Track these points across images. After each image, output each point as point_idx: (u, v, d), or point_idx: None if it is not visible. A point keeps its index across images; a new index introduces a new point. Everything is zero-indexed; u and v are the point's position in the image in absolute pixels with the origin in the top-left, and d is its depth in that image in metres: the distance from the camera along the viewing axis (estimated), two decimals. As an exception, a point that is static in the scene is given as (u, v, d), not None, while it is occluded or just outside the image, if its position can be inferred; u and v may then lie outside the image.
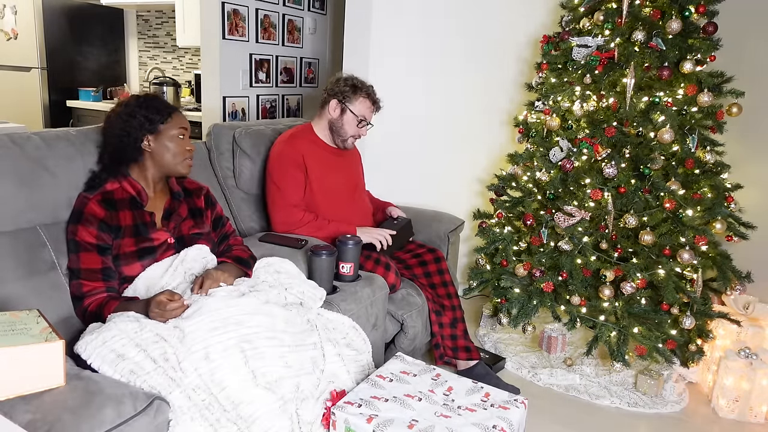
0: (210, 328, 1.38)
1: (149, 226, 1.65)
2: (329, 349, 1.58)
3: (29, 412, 1.09)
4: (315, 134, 2.31)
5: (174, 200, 1.74)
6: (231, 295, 1.50)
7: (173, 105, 1.75)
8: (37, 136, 1.64)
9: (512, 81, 2.98)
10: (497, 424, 1.38)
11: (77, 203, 1.62)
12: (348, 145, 2.31)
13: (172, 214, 1.71)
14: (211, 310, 1.41)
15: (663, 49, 2.15)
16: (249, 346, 1.39)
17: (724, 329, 2.33)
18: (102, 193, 1.61)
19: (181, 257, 1.65)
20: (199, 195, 1.83)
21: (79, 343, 1.33)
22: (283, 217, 2.21)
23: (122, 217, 1.60)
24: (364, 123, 2.28)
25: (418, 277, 2.32)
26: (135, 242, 1.61)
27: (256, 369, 1.37)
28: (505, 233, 2.55)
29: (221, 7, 3.33)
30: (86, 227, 1.56)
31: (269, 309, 1.51)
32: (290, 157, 2.21)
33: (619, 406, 2.21)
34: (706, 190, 2.22)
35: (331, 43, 4.52)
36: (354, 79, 2.27)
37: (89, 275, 1.55)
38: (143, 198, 1.66)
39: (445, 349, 2.21)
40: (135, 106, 1.65)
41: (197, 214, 1.79)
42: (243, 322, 1.42)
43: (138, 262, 1.61)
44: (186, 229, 1.73)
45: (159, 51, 4.92)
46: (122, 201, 1.63)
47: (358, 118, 2.25)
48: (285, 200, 2.20)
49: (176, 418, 1.24)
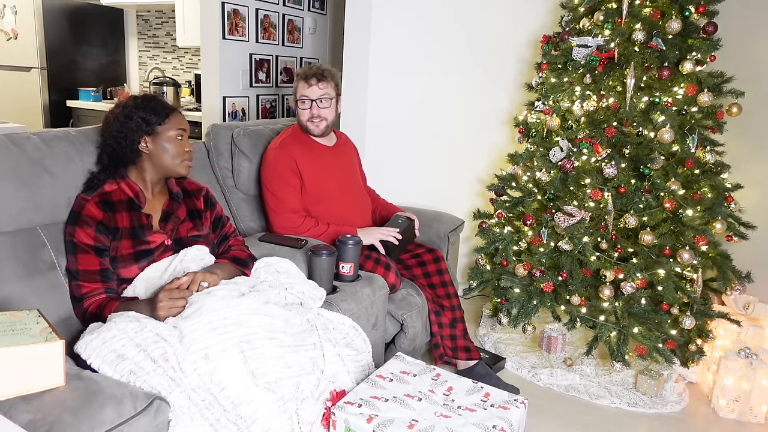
0: (210, 329, 1.38)
1: (146, 228, 1.64)
2: (329, 349, 1.58)
3: (29, 412, 1.09)
4: (305, 135, 2.32)
5: (172, 201, 1.73)
6: (231, 295, 1.50)
7: (171, 105, 1.73)
8: (36, 136, 1.64)
9: (512, 81, 2.98)
10: (497, 424, 1.38)
11: (75, 204, 1.61)
12: (316, 130, 2.28)
13: (170, 216, 1.71)
14: (210, 311, 1.41)
15: (663, 49, 2.15)
16: (248, 346, 1.39)
17: (724, 329, 2.33)
18: (100, 195, 1.61)
19: (180, 257, 1.65)
20: (198, 196, 1.82)
21: (79, 343, 1.33)
22: (282, 223, 2.22)
23: (120, 219, 1.60)
24: (305, 99, 2.24)
25: (418, 278, 2.32)
26: (132, 244, 1.60)
27: (256, 369, 1.37)
28: (505, 233, 2.55)
29: (221, 7, 3.33)
30: (84, 229, 1.55)
31: (269, 309, 1.51)
32: (283, 164, 2.22)
33: (619, 406, 2.21)
34: (706, 190, 2.22)
35: (331, 43, 4.52)
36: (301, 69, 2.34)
37: (87, 276, 1.55)
38: (141, 200, 1.66)
39: (444, 349, 2.21)
40: (132, 108, 1.64)
41: (196, 215, 1.78)
42: (243, 322, 1.42)
43: (135, 264, 1.60)
44: (184, 231, 1.72)
45: (159, 51, 4.92)
46: (120, 203, 1.62)
47: (297, 101, 2.27)
48: (284, 206, 2.21)
49: (176, 418, 1.24)
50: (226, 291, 1.52)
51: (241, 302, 1.47)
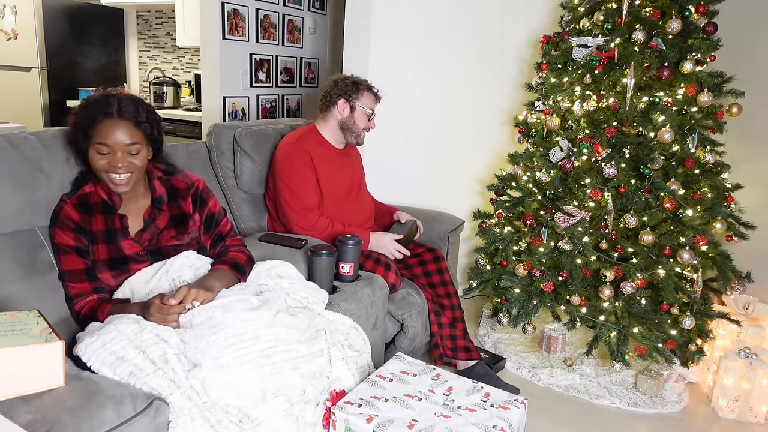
0: (226, 345, 1.36)
1: (119, 233, 1.57)
2: (335, 354, 1.58)
3: (29, 412, 1.09)
4: (320, 135, 2.32)
5: (154, 209, 1.63)
6: (246, 308, 1.47)
7: (111, 110, 1.49)
8: (34, 136, 1.63)
9: (512, 81, 2.98)
10: (497, 424, 1.38)
11: (56, 206, 1.58)
12: (361, 140, 2.35)
13: (150, 226, 1.62)
14: (226, 327, 1.39)
15: (663, 49, 2.15)
16: (267, 361, 1.37)
17: (724, 329, 2.33)
18: (78, 197, 1.57)
19: (166, 267, 1.60)
20: (186, 196, 1.69)
21: (79, 346, 1.32)
22: (298, 220, 2.21)
23: (94, 222, 1.56)
24: (373, 115, 2.33)
25: (418, 277, 2.33)
26: (108, 250, 1.56)
27: (270, 384, 1.35)
28: (505, 233, 2.55)
29: (221, 7, 3.33)
30: (63, 230, 1.53)
31: (282, 319, 1.50)
32: (300, 158, 2.21)
33: (619, 406, 2.21)
34: (706, 190, 2.22)
35: (331, 43, 4.52)
36: (352, 76, 2.33)
37: (74, 277, 1.54)
38: (116, 202, 1.58)
39: (444, 350, 2.21)
40: (79, 108, 1.53)
41: (180, 221, 1.67)
42: (260, 336, 1.40)
43: (109, 272, 1.56)
44: (165, 240, 1.63)
45: (159, 51, 4.92)
46: (96, 205, 1.58)
47: (367, 112, 2.29)
48: (300, 203, 2.20)
49: (176, 419, 1.23)
50: (240, 304, 1.48)
51: (255, 316, 1.45)
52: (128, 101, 1.54)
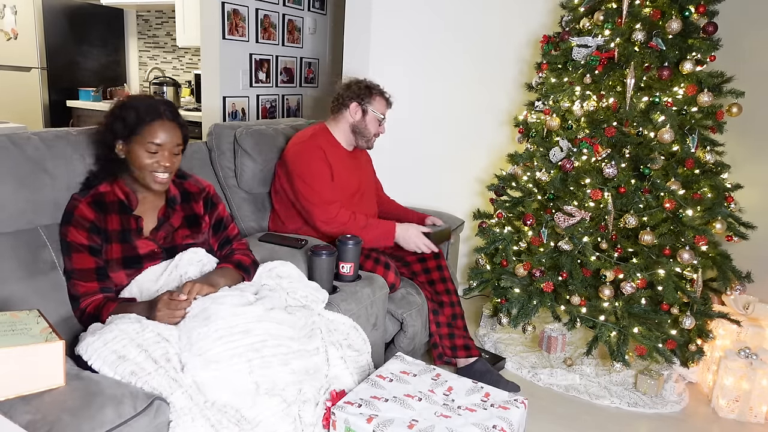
0: (216, 338, 1.37)
1: (134, 233, 1.60)
2: (332, 353, 1.58)
3: (29, 412, 1.09)
4: (332, 136, 2.33)
5: (168, 208, 1.68)
6: (239, 303, 1.48)
7: (160, 111, 1.58)
8: (36, 136, 1.64)
9: (512, 81, 2.98)
10: (497, 424, 1.38)
11: (68, 204, 1.59)
12: (372, 144, 2.36)
13: (164, 224, 1.66)
14: (217, 319, 1.40)
15: (663, 49, 2.15)
16: (256, 354, 1.38)
17: (724, 329, 2.33)
18: (93, 195, 1.58)
19: (176, 262, 1.62)
20: (198, 198, 1.76)
21: (81, 345, 1.33)
22: (319, 214, 2.18)
23: (110, 221, 1.58)
24: (384, 120, 2.34)
25: (417, 275, 2.33)
26: (122, 249, 1.58)
27: (261, 377, 1.36)
28: (505, 233, 2.55)
29: (221, 7, 3.33)
30: (77, 229, 1.54)
31: (275, 314, 1.50)
32: (315, 154, 2.22)
33: (619, 406, 2.21)
34: (706, 190, 2.22)
35: (331, 43, 4.52)
36: (365, 80, 2.35)
37: (83, 276, 1.54)
38: (132, 202, 1.62)
39: (443, 349, 2.21)
40: (118, 107, 1.59)
41: (193, 222, 1.72)
42: (250, 330, 1.41)
43: (123, 270, 1.58)
44: (180, 238, 1.68)
45: (159, 51, 4.92)
46: (112, 204, 1.59)
47: (378, 117, 2.30)
48: (320, 197, 2.18)
49: (177, 419, 1.23)
50: (233, 299, 1.50)
51: (246, 311, 1.45)
52: (171, 105, 1.63)
